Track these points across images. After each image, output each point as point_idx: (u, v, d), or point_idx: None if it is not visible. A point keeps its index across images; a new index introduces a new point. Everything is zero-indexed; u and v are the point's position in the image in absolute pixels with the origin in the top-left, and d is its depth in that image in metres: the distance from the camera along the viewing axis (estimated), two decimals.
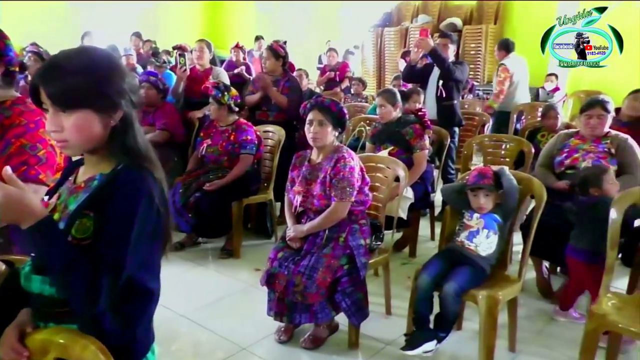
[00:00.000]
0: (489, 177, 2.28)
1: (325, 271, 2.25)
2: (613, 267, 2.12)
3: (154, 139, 3.88)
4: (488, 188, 2.26)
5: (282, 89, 3.87)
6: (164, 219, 1.07)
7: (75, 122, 1.01)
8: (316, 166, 2.45)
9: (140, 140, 1.09)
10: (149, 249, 1.07)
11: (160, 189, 1.08)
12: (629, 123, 3.64)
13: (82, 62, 1.02)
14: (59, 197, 1.12)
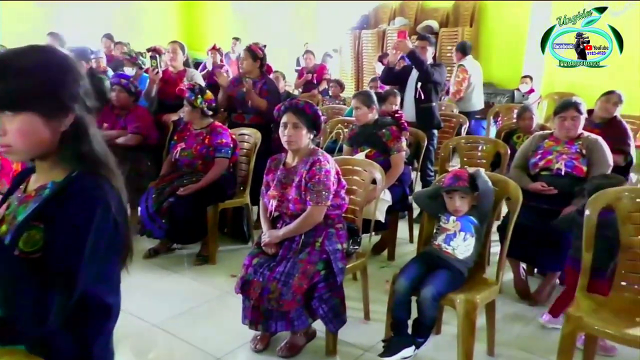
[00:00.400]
0: (464, 179, 2.26)
1: (302, 277, 2.20)
2: (589, 269, 2.12)
3: (126, 143, 3.81)
4: (463, 190, 2.24)
5: (259, 92, 3.81)
6: (122, 229, 1.01)
7: (19, 126, 0.94)
8: (291, 170, 2.41)
9: (97, 146, 1.03)
10: (106, 262, 1.00)
11: (118, 197, 1.02)
12: (601, 124, 3.68)
13: (30, 62, 0.95)
14: (8, 207, 1.04)
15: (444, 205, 2.31)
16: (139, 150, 3.89)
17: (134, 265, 3.73)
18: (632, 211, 2.12)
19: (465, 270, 2.23)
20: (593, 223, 2.13)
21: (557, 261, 2.69)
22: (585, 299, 2.07)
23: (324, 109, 5.63)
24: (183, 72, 4.34)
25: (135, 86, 3.88)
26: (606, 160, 2.81)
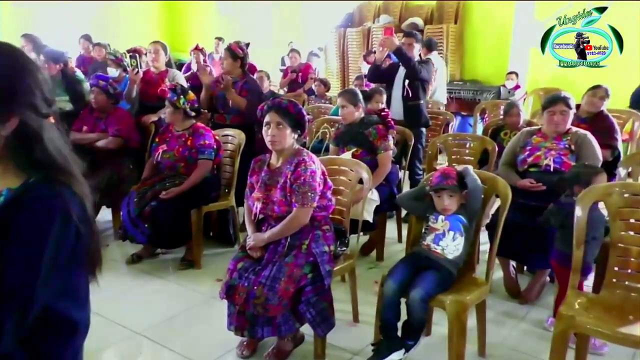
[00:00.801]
0: (452, 178, 2.22)
1: (288, 281, 2.14)
2: (580, 267, 2.09)
3: (106, 146, 3.72)
4: (452, 189, 2.20)
5: (240, 91, 3.74)
6: (86, 239, 0.94)
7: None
8: (275, 171, 2.34)
9: (54, 152, 0.95)
10: (69, 276, 0.93)
11: (80, 206, 0.94)
12: (587, 119, 3.67)
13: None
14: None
15: (431, 205, 2.27)
16: (120, 154, 3.80)
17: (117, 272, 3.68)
18: (622, 207, 2.10)
19: (455, 270, 2.19)
20: (584, 220, 2.10)
21: (547, 259, 2.65)
22: (576, 297, 2.04)
23: (310, 109, 5.57)
24: (165, 72, 4.24)
25: (114, 88, 3.78)
26: (595, 155, 2.79)
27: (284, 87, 6.80)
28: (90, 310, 1.03)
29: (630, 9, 5.38)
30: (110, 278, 3.20)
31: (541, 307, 2.80)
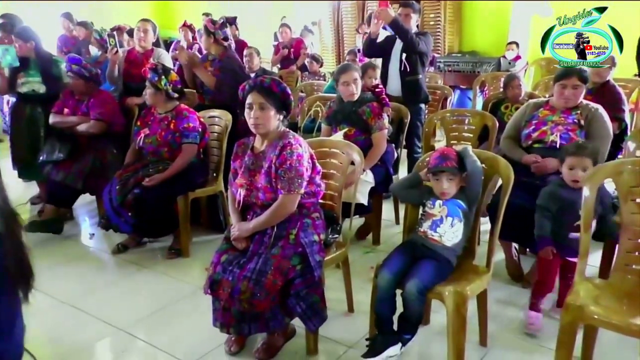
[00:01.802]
0: (451, 159, 2.05)
1: (275, 274, 1.99)
2: (587, 252, 1.94)
3: (87, 131, 3.55)
4: (451, 171, 2.04)
5: (214, 69, 3.56)
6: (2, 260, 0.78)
7: None
8: (260, 155, 2.18)
9: None
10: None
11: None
12: (593, 90, 3.48)
13: None
14: None
15: (428, 190, 2.11)
16: (104, 138, 3.62)
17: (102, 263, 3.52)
18: (633, 186, 1.94)
19: (454, 258, 2.04)
20: (592, 200, 1.94)
21: None
22: (584, 284, 1.89)
23: (302, 86, 5.36)
24: (150, 51, 4.04)
25: (89, 70, 3.57)
26: (607, 131, 2.61)
27: (276, 64, 6.56)
28: (23, 335, 0.87)
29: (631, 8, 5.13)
30: (94, 270, 3.08)
31: None
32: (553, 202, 2.27)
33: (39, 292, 0.85)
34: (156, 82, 3.06)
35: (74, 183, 3.40)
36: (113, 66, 3.90)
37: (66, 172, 3.41)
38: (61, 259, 3.15)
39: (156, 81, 3.06)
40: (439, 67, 6.70)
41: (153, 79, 3.07)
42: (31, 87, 3.80)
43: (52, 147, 3.51)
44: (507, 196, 2.06)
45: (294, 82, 5.89)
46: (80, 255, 3.30)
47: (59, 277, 2.91)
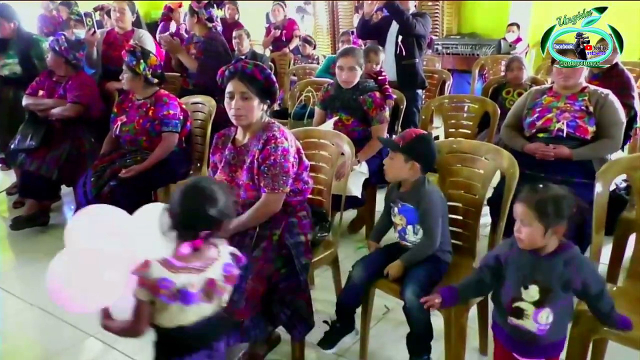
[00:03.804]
0: (405, 138, 1.87)
1: (257, 279, 1.82)
2: (599, 254, 1.77)
3: (62, 114, 3.33)
4: (392, 148, 1.87)
5: (196, 52, 3.36)
6: None
7: None
8: (241, 149, 1.98)
9: None
10: None
11: None
12: (599, 75, 3.29)
13: None
14: None
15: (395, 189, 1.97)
16: (81, 125, 3.42)
17: None
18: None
19: (443, 254, 1.88)
20: (605, 198, 1.77)
21: None
22: None
23: (295, 69, 5.14)
24: (131, 32, 3.81)
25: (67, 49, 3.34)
26: (619, 119, 2.42)
27: (268, 46, 6.31)
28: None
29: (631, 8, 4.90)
30: None
31: None
32: (490, 269, 1.53)
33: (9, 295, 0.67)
34: (134, 65, 2.84)
35: (48, 173, 3.20)
36: (91, 48, 3.68)
37: (40, 161, 3.21)
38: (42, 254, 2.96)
39: (134, 65, 2.84)
40: (437, 49, 6.47)
41: (131, 62, 2.84)
42: (12, 69, 3.61)
43: (24, 134, 3.30)
44: (511, 193, 1.87)
45: (287, 65, 5.66)
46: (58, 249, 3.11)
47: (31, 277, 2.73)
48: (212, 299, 1.28)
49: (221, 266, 1.32)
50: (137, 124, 2.87)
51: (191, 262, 1.27)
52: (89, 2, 5.89)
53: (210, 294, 1.28)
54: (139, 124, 2.87)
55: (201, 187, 1.30)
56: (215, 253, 1.33)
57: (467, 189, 2.01)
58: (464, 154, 2.03)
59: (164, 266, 1.23)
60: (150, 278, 1.21)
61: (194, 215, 1.26)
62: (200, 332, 1.30)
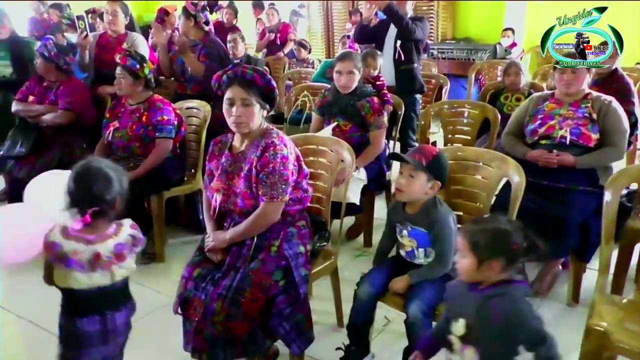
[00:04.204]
0: (425, 155, 1.75)
1: (255, 291, 1.75)
2: (609, 266, 1.72)
3: (54, 121, 3.25)
4: (415, 165, 1.72)
5: (198, 56, 3.28)
6: None
7: None
8: (239, 156, 1.91)
9: None
10: None
11: None
12: (599, 81, 3.25)
13: None
14: None
15: (398, 213, 1.86)
16: (72, 131, 3.33)
17: None
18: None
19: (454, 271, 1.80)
20: (615, 207, 1.72)
21: (562, 247, 2.29)
22: (606, 304, 1.67)
23: (290, 73, 5.08)
24: (124, 36, 3.74)
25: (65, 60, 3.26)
26: (623, 127, 2.38)
27: (262, 50, 6.25)
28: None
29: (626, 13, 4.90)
30: None
31: (554, 301, 2.45)
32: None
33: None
34: (137, 69, 2.78)
35: None
36: (83, 52, 3.60)
37: (29, 168, 3.12)
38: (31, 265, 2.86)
39: (137, 69, 2.78)
40: (432, 54, 6.44)
41: (133, 66, 2.78)
42: (1, 72, 3.50)
43: (14, 140, 3.21)
44: (517, 203, 1.82)
45: (281, 69, 5.61)
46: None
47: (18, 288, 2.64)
48: (94, 270, 1.45)
49: (114, 244, 1.49)
50: (130, 129, 2.80)
51: (86, 234, 1.45)
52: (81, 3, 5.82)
53: (94, 265, 1.45)
54: (132, 130, 2.79)
55: (88, 167, 1.48)
56: (112, 231, 1.51)
57: (471, 198, 1.96)
58: (468, 161, 1.98)
59: (60, 231, 1.45)
60: (48, 239, 1.44)
61: (81, 194, 1.44)
62: (89, 298, 1.48)
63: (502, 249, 1.28)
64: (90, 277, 1.46)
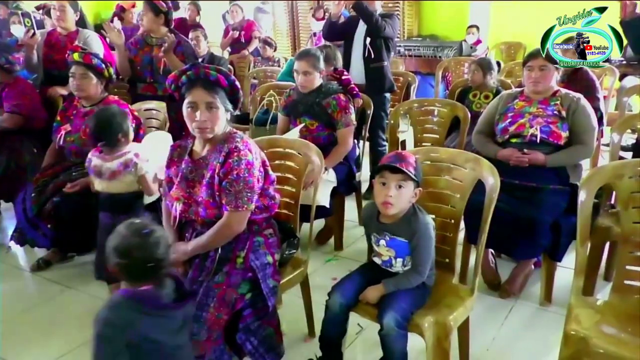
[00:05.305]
0: (410, 163, 1.65)
1: (219, 306, 1.63)
2: (584, 269, 1.68)
3: (1, 125, 3.03)
4: (405, 175, 1.62)
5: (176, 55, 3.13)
6: None
7: None
8: (200, 162, 1.79)
9: None
10: None
11: None
12: (564, 77, 3.26)
13: None
14: None
15: (373, 222, 1.76)
16: (21, 135, 3.12)
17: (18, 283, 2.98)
18: (636, 191, 1.68)
19: (430, 278, 1.74)
20: (589, 206, 1.68)
21: (534, 248, 2.26)
22: (583, 307, 1.62)
23: (255, 72, 4.95)
24: (75, 33, 3.52)
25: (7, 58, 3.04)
26: (591, 125, 2.36)
27: (226, 48, 6.09)
28: None
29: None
30: (9, 292, 2.60)
31: (527, 301, 2.42)
32: None
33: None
34: (103, 69, 2.62)
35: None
36: (30, 51, 3.37)
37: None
38: None
39: (103, 68, 2.62)
40: (399, 51, 6.41)
41: (99, 65, 2.61)
42: None
43: None
44: (492, 205, 1.76)
45: (246, 68, 5.46)
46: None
47: None
48: (100, 177, 2.20)
49: (120, 161, 2.17)
50: (83, 133, 2.62)
51: (104, 154, 2.19)
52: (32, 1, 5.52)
53: (100, 174, 2.19)
54: (85, 134, 2.61)
55: (104, 110, 2.26)
56: (123, 154, 2.18)
57: (445, 201, 1.89)
58: (441, 163, 1.91)
59: (92, 153, 2.25)
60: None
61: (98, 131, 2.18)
62: (121, 200, 2.20)
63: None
64: (100, 183, 2.20)
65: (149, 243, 1.30)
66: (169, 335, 1.33)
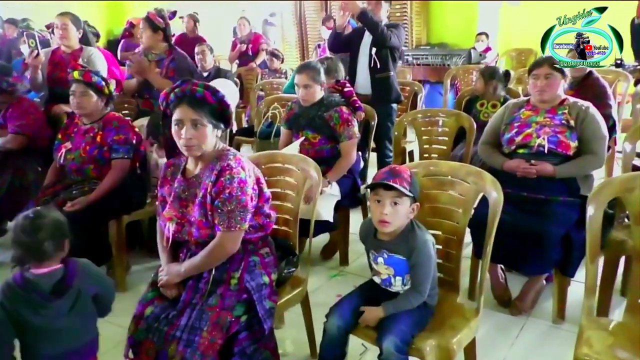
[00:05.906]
0: (404, 178, 1.59)
1: (213, 330, 1.58)
2: (595, 287, 1.59)
3: (5, 146, 3.03)
4: (400, 191, 1.56)
5: (166, 71, 3.10)
6: None
7: None
8: (193, 181, 1.75)
9: None
10: None
11: None
12: (574, 84, 3.17)
13: None
14: None
15: (371, 239, 1.70)
16: (25, 155, 3.12)
17: None
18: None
19: (432, 298, 1.67)
20: (599, 221, 1.60)
21: (542, 262, 2.17)
22: (594, 329, 1.54)
23: (262, 84, 4.93)
24: (79, 51, 3.53)
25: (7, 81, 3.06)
26: (602, 133, 2.28)
27: (234, 61, 6.10)
28: None
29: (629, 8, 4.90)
30: None
31: (539, 318, 2.33)
32: None
33: None
34: (103, 87, 2.62)
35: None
36: (35, 72, 3.38)
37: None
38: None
39: (103, 86, 2.62)
40: (407, 60, 6.36)
41: (100, 83, 2.61)
42: None
43: None
44: (496, 219, 1.69)
45: (254, 80, 5.46)
46: None
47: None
48: None
49: None
50: (84, 150, 2.60)
51: None
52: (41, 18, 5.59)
53: None
54: (85, 151, 2.60)
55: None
56: None
57: (447, 216, 1.82)
58: (442, 177, 1.84)
59: None
60: None
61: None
62: None
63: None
64: None
65: (32, 226, 1.46)
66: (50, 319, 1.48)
